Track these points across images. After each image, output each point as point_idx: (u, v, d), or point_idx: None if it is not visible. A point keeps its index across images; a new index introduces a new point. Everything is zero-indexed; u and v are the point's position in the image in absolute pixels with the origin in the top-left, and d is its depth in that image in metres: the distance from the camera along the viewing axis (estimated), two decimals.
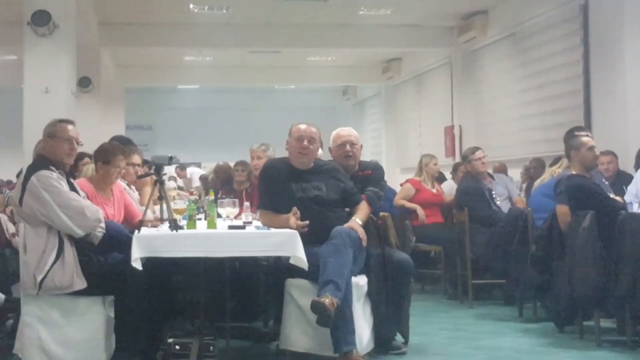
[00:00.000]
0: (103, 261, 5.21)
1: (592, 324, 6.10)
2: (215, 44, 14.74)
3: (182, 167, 16.62)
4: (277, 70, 18.65)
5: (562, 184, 6.34)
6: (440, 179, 10.38)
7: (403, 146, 17.96)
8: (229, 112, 22.13)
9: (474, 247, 7.91)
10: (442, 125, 15.19)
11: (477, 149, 8.72)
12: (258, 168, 7.02)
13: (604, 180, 6.98)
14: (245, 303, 6.14)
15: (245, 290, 6.09)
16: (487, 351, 5.91)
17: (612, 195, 6.27)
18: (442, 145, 14.88)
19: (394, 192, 9.44)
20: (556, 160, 8.73)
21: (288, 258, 5.22)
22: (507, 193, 8.57)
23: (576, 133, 6.86)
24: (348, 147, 6.06)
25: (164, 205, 5.41)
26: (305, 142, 5.67)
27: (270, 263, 5.83)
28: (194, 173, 10.34)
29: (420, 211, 8.91)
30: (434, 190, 9.25)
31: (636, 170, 7.79)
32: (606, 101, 9.77)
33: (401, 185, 9.56)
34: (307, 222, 5.34)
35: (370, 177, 6.15)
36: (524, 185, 10.09)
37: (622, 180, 7.80)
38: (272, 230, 5.34)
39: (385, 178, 6.75)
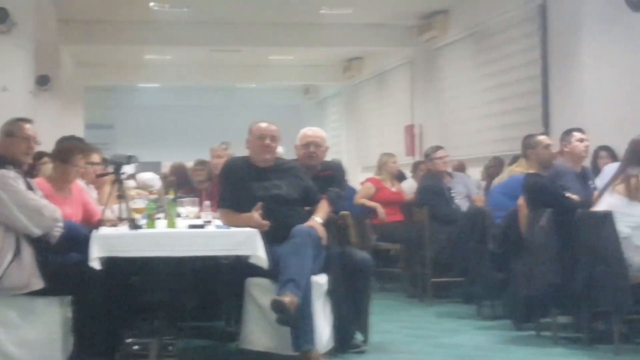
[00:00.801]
0: (61, 261, 5.16)
1: (549, 321, 6.18)
2: (176, 42, 14.65)
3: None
4: (238, 69, 18.60)
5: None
6: (401, 177, 10.43)
7: (364, 145, 18.01)
8: (190, 110, 22.02)
9: (434, 246, 7.97)
10: (403, 124, 15.26)
11: (439, 148, 8.78)
12: (218, 167, 7.01)
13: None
14: (205, 302, 6.12)
15: (206, 290, 6.07)
16: (446, 349, 5.96)
17: (568, 194, 6.33)
18: (402, 144, 14.95)
19: (354, 191, 9.48)
20: (515, 159, 8.83)
21: (248, 257, 5.22)
22: (466, 191, 8.66)
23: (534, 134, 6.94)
24: (312, 149, 6.10)
25: (123, 205, 5.38)
26: (268, 140, 5.69)
27: (231, 262, 5.82)
28: (147, 180, 10.20)
29: (380, 210, 8.96)
30: (394, 189, 9.31)
31: (592, 169, 7.88)
32: (564, 101, 9.89)
33: (361, 184, 9.61)
34: (268, 222, 5.35)
35: (331, 176, 6.18)
36: (484, 184, 10.18)
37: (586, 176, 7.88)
38: (233, 229, 5.35)
39: (347, 177, 6.79)
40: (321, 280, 5.53)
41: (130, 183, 8.15)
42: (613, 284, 5.55)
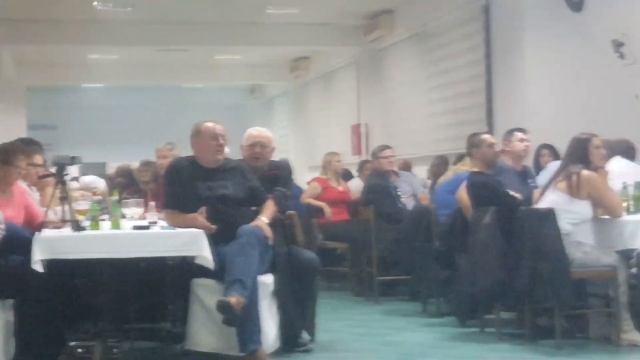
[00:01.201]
0: (3, 264, 5.09)
1: (493, 318, 6.25)
2: (120, 42, 14.54)
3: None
4: (184, 68, 18.50)
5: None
6: (347, 176, 10.47)
7: (311, 145, 18.04)
8: (136, 111, 21.85)
9: (380, 244, 8.01)
10: (349, 123, 15.33)
11: (386, 147, 8.82)
12: (164, 167, 6.97)
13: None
14: (150, 304, 6.08)
15: (151, 291, 6.03)
16: (392, 346, 6.01)
17: (511, 192, 6.41)
18: (349, 144, 15.02)
19: (301, 191, 9.49)
20: (459, 157, 8.92)
21: (194, 258, 5.21)
22: (411, 190, 8.71)
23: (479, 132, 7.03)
24: (258, 149, 6.11)
25: (67, 206, 5.32)
26: (221, 140, 5.67)
27: (176, 263, 5.78)
28: (90, 183, 10.08)
29: (326, 209, 8.98)
30: (341, 188, 9.34)
31: (535, 167, 7.99)
32: (507, 100, 10.02)
33: (308, 183, 9.62)
34: (214, 226, 5.33)
35: (277, 176, 6.19)
36: (430, 183, 10.26)
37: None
38: (178, 230, 5.33)
39: (294, 176, 6.80)
40: (267, 280, 5.53)
41: (74, 184, 8.07)
42: (555, 280, 5.64)
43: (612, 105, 8.50)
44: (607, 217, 5.96)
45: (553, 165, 7.23)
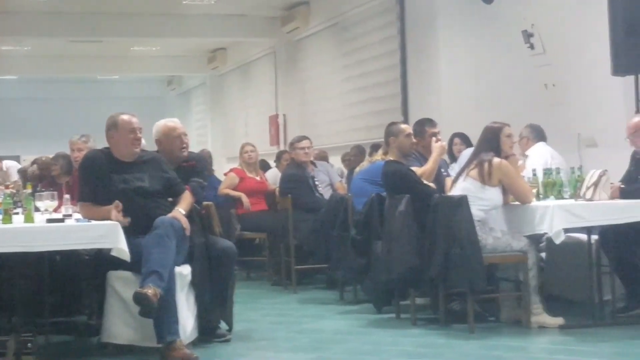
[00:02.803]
0: None
1: (409, 304, 6.37)
2: (33, 33, 14.27)
3: None
4: (99, 60, 18.25)
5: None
6: (265, 167, 10.50)
7: (229, 135, 18.01)
8: (50, 103, 21.47)
9: (298, 234, 8.07)
10: (267, 114, 15.36)
11: (304, 137, 8.86)
12: (78, 160, 6.89)
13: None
14: (66, 297, 6.02)
15: (66, 285, 5.97)
16: (309, 334, 6.06)
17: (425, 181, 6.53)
18: (267, 134, 15.04)
19: (219, 182, 9.49)
20: (375, 147, 9.04)
21: (110, 250, 5.18)
22: (328, 180, 8.80)
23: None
24: (185, 139, 6.10)
25: None
26: (138, 134, 5.64)
27: (92, 256, 5.74)
28: (11, 167, 9.98)
29: (244, 199, 8.99)
30: (258, 178, 9.36)
31: (448, 155, 8.15)
32: (422, 89, 10.19)
33: (225, 174, 9.62)
34: (128, 219, 5.31)
35: (194, 167, 6.18)
36: (346, 172, 10.36)
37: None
38: (93, 222, 5.29)
39: (213, 167, 6.78)
40: (185, 270, 5.53)
41: None
42: (467, 265, 5.76)
43: (523, 94, 8.72)
44: (517, 203, 6.12)
45: (465, 154, 7.39)
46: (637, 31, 6.67)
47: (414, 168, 6.62)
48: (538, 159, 7.17)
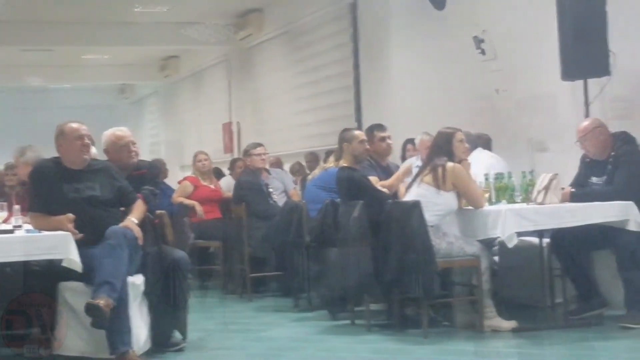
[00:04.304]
0: None
1: (363, 310, 6.37)
2: None
3: None
4: (50, 68, 18.06)
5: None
6: (219, 175, 10.46)
7: (183, 144, 17.92)
8: (0, 112, 21.19)
9: (253, 242, 8.05)
10: (221, 122, 15.32)
11: (258, 145, 8.84)
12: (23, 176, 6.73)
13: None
14: (16, 309, 5.92)
15: (17, 296, 5.87)
16: (264, 342, 6.05)
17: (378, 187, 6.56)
18: (220, 142, 15.00)
19: (172, 190, 9.43)
20: (328, 153, 9.04)
21: (61, 260, 5.12)
22: (282, 187, 8.79)
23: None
24: (132, 147, 6.05)
25: None
26: (86, 140, 5.59)
27: (43, 267, 5.66)
28: None
29: (198, 207, 8.95)
30: (212, 186, 9.33)
31: (402, 161, 8.19)
32: (375, 96, 10.23)
33: (179, 182, 9.57)
34: (82, 235, 5.25)
35: (145, 175, 6.13)
36: (300, 179, 10.36)
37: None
38: (44, 233, 5.23)
39: (167, 175, 6.73)
40: (137, 280, 5.49)
41: None
42: (421, 271, 5.78)
43: (475, 99, 8.78)
44: (470, 207, 6.16)
45: (418, 159, 7.44)
46: (586, 36, 6.75)
47: (371, 178, 6.64)
48: (478, 164, 7.22)
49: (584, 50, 6.76)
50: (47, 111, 20.02)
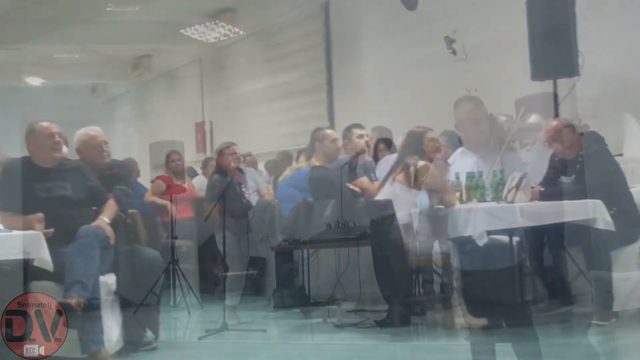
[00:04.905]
0: None
1: (336, 308, 6.40)
2: None
3: None
4: (20, 67, 17.93)
5: None
6: (191, 174, 10.44)
7: (155, 143, 17.85)
8: None
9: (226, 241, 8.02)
10: (193, 121, 15.28)
11: (231, 144, 8.82)
12: None
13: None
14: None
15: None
16: (237, 340, 6.05)
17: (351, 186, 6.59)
18: (193, 141, 14.97)
19: (145, 189, 9.39)
20: (301, 153, 9.05)
21: (32, 260, 5.10)
22: (255, 186, 8.78)
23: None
24: (104, 147, 6.04)
25: None
26: (57, 138, 5.57)
27: (13, 267, 5.63)
28: None
29: (170, 207, 8.91)
30: (185, 185, 9.30)
31: (375, 160, 8.20)
32: (347, 95, 10.26)
33: (152, 181, 9.53)
34: (52, 230, 5.24)
35: (117, 175, 6.12)
36: (272, 178, 10.36)
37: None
38: (14, 232, 5.20)
39: (139, 175, 6.71)
40: (109, 280, 5.48)
41: None
42: (393, 269, 5.82)
43: (446, 99, 8.79)
44: (441, 206, 6.19)
45: (391, 159, 7.47)
46: (555, 37, 6.82)
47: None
48: (463, 164, 7.25)
49: (554, 50, 6.82)
50: (17, 111, 19.91)
